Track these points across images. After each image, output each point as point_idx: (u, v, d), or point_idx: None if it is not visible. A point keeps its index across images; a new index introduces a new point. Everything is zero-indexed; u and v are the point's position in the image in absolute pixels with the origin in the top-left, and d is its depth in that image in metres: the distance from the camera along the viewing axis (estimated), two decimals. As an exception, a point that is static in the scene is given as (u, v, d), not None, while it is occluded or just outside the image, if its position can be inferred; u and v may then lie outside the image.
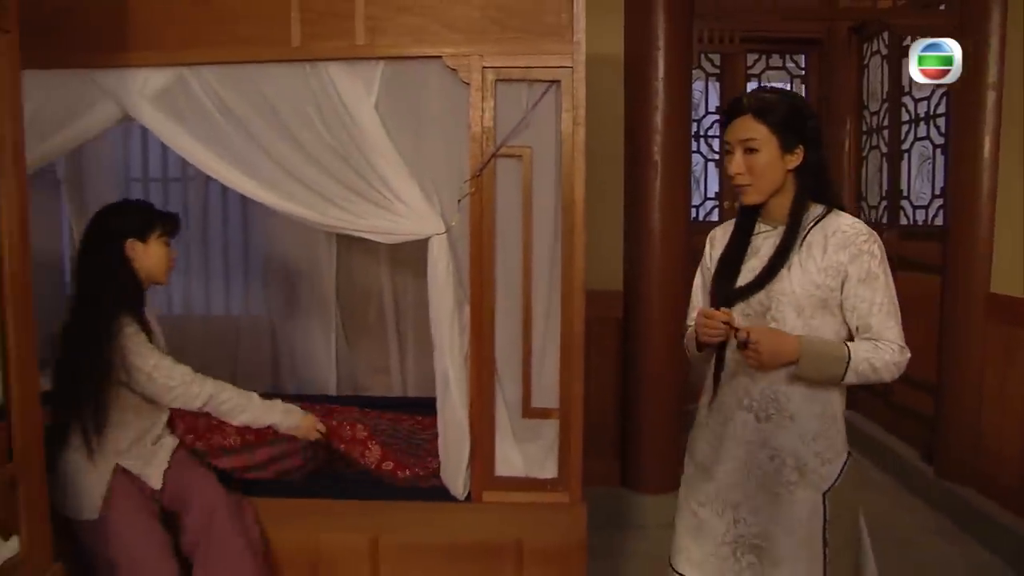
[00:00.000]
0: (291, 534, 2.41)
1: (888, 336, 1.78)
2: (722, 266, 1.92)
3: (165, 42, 2.34)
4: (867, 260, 1.77)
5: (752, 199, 1.85)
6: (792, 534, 1.82)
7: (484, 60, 2.24)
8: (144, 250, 2.28)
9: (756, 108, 1.81)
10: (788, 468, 1.82)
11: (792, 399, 1.81)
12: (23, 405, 1.85)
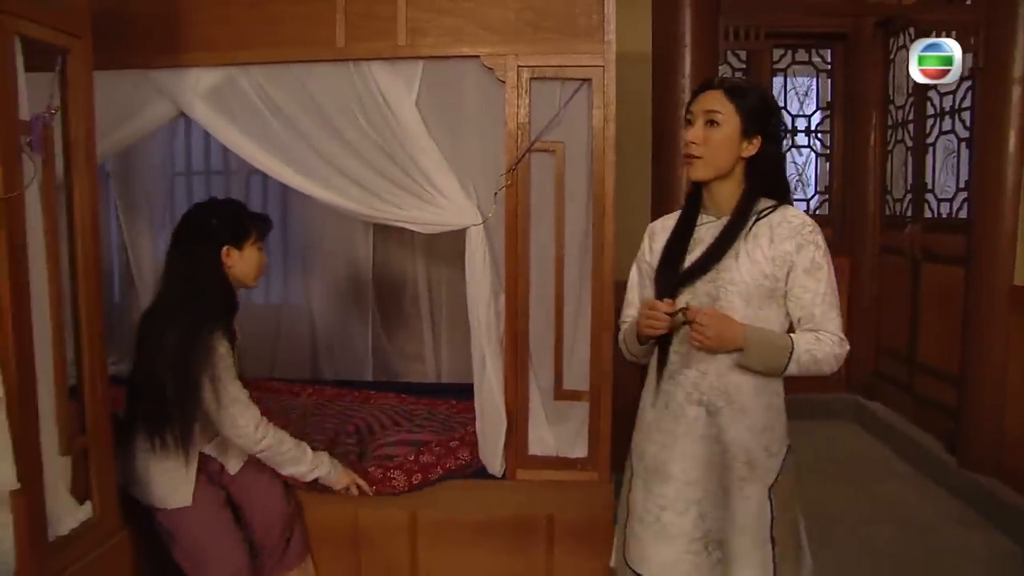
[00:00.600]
0: (332, 510, 2.53)
1: (829, 327, 1.76)
2: (665, 257, 1.88)
3: (216, 43, 2.46)
4: (812, 250, 1.76)
5: (699, 174, 1.82)
6: (745, 534, 1.80)
7: (519, 59, 2.35)
8: (240, 257, 2.26)
9: (728, 87, 1.81)
10: (739, 463, 1.80)
11: (743, 391, 1.79)
12: (93, 385, 2.01)
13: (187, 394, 2.14)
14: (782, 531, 1.82)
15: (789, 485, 1.85)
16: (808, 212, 5.37)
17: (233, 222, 2.27)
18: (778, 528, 1.81)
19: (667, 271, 1.86)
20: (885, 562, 3.26)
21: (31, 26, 1.74)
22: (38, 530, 1.77)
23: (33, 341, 1.76)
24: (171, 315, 2.16)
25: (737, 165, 1.81)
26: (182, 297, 2.18)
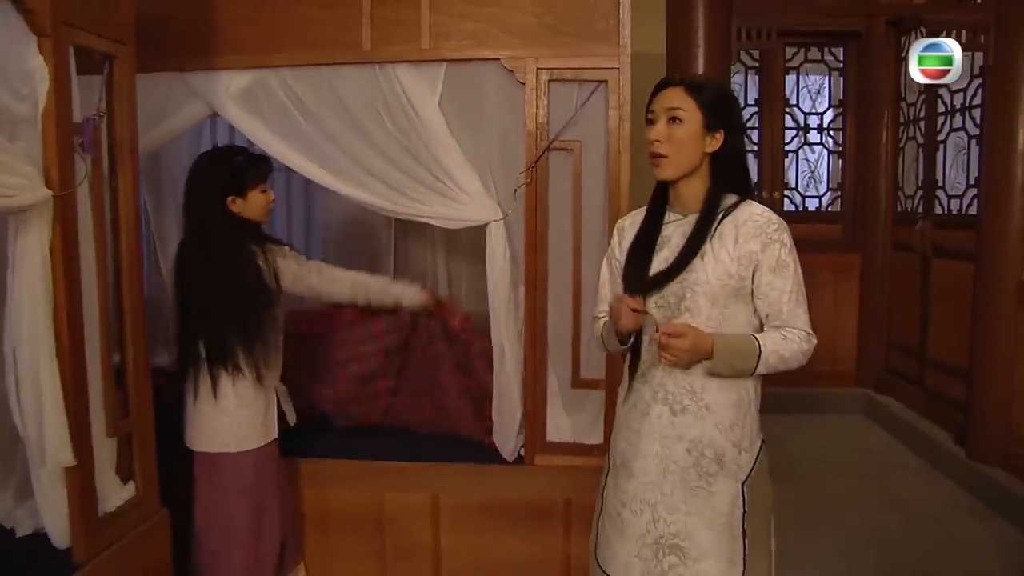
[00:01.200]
0: (359, 493, 2.65)
1: (797, 324, 1.76)
2: (632, 256, 1.85)
3: (247, 46, 2.56)
4: (778, 249, 1.74)
5: (666, 173, 1.79)
6: (713, 527, 1.77)
7: (538, 62, 2.43)
8: (244, 204, 2.33)
9: (688, 83, 1.78)
10: (707, 459, 1.77)
11: (708, 389, 1.77)
12: (136, 372, 2.13)
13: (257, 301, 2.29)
14: (754, 525, 1.80)
15: (763, 480, 1.84)
16: (820, 209, 5.46)
17: (231, 175, 2.32)
18: (750, 522, 1.79)
19: (634, 270, 1.83)
20: (892, 550, 3.34)
21: (83, 35, 1.85)
22: (90, 505, 1.88)
23: (84, 331, 1.87)
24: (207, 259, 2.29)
25: (703, 161, 1.79)
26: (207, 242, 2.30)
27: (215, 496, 2.35)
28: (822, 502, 3.85)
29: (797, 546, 3.31)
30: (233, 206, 2.32)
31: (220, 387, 2.29)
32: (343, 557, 2.68)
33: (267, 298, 2.32)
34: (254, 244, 2.33)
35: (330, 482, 2.66)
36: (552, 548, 2.57)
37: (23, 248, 1.73)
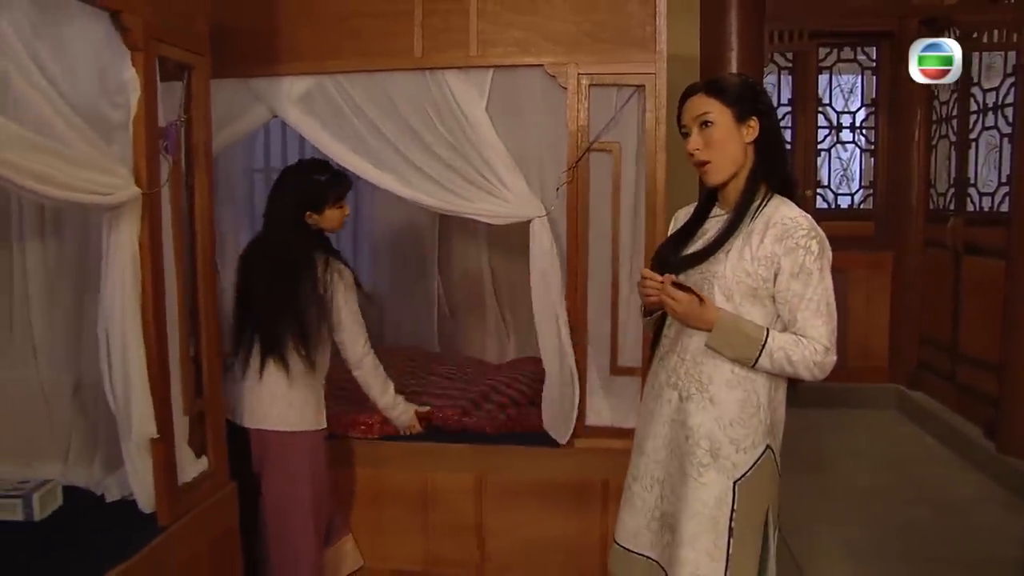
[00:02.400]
0: (406, 473, 2.82)
1: (812, 334, 1.73)
2: (668, 242, 1.94)
3: (307, 54, 2.73)
4: (802, 255, 1.72)
5: (714, 178, 1.82)
6: (694, 517, 1.78)
7: (579, 68, 2.57)
8: (320, 218, 2.49)
9: (707, 86, 1.82)
10: (701, 450, 1.79)
11: (715, 381, 1.79)
12: (209, 353, 2.30)
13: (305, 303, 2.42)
14: (743, 526, 1.80)
15: (760, 485, 1.82)
16: (852, 207, 5.52)
17: (312, 192, 2.48)
18: (739, 522, 1.79)
19: (665, 253, 1.90)
20: (920, 539, 3.41)
21: (167, 48, 2.03)
22: (171, 475, 2.06)
23: (166, 317, 2.06)
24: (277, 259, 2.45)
25: (747, 155, 1.81)
26: (281, 244, 2.46)
27: (279, 473, 2.52)
28: (853, 492, 3.93)
29: (827, 534, 3.43)
30: (309, 220, 2.49)
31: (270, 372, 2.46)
32: (393, 532, 2.84)
33: (319, 304, 2.45)
34: (320, 254, 2.47)
35: (381, 462, 2.83)
36: (590, 526, 2.71)
37: (116, 241, 1.90)
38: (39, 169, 1.59)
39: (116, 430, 2.06)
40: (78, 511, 2.15)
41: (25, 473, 2.28)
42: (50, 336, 2.37)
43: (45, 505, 2.09)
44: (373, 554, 2.87)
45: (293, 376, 2.47)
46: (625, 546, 1.97)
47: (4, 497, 2.06)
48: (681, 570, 1.80)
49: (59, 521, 2.10)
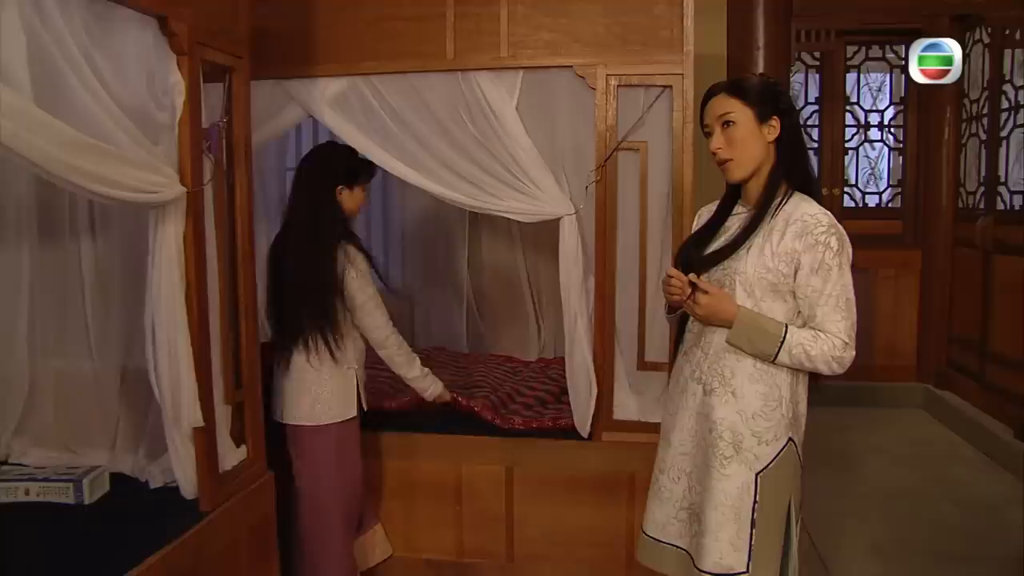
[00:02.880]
0: (439, 465, 2.89)
1: (831, 329, 1.77)
2: (691, 239, 1.99)
3: (341, 56, 2.80)
4: (821, 251, 1.75)
5: (735, 175, 1.86)
6: (717, 508, 1.83)
7: (608, 69, 2.63)
8: (349, 196, 2.58)
9: (729, 86, 1.86)
10: (724, 443, 1.83)
11: (736, 375, 1.84)
12: (248, 348, 2.38)
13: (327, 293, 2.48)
14: (766, 517, 1.84)
15: (782, 477, 1.85)
16: (880, 205, 5.51)
17: (350, 166, 2.60)
18: (761, 514, 1.83)
19: (688, 251, 1.95)
20: (945, 536, 3.42)
21: (211, 52, 2.11)
22: (213, 462, 2.14)
23: (208, 311, 2.14)
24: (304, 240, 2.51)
25: (768, 153, 1.85)
26: (309, 224, 2.51)
27: (308, 464, 2.60)
28: (879, 490, 3.94)
29: (853, 531, 3.44)
30: (339, 195, 2.56)
31: (296, 364, 2.53)
32: (425, 523, 2.92)
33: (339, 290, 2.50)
34: (341, 238, 2.54)
35: (414, 454, 2.90)
36: (617, 518, 2.76)
37: (162, 237, 1.98)
38: (93, 169, 1.67)
39: (160, 419, 2.14)
40: (124, 496, 2.24)
41: (74, 460, 2.39)
42: (100, 328, 2.46)
43: (94, 490, 2.19)
44: (406, 544, 2.95)
45: (316, 367, 2.52)
46: (654, 536, 2.01)
47: (57, 481, 2.16)
48: (706, 559, 1.84)
49: (107, 505, 2.19)
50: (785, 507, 1.87)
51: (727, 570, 1.83)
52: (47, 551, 1.90)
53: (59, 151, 1.57)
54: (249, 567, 2.28)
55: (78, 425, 2.50)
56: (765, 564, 1.84)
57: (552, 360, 3.73)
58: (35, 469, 2.30)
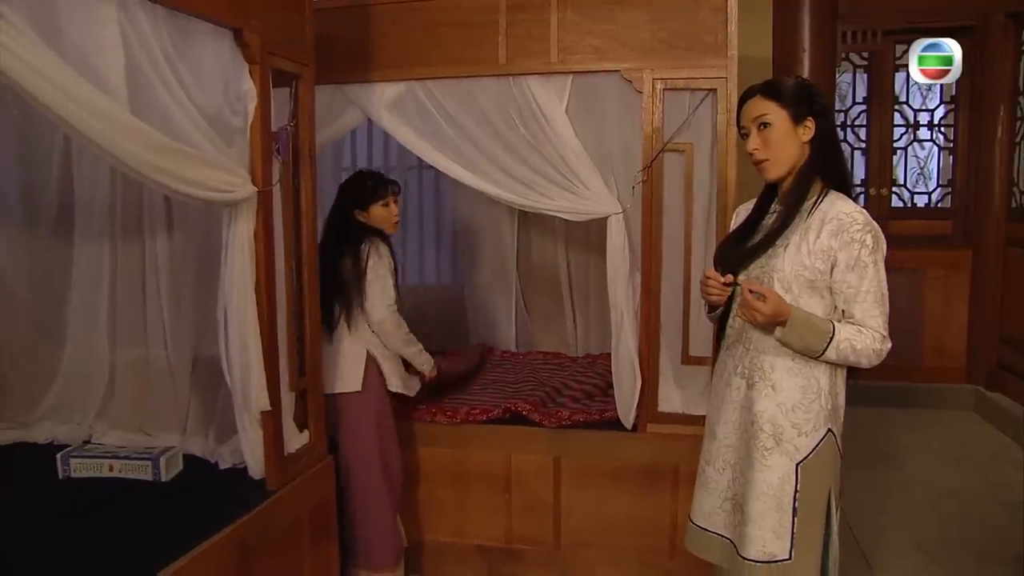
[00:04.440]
0: (490, 454, 3.00)
1: (871, 324, 1.83)
2: (734, 233, 2.04)
3: (398, 62, 2.93)
4: (857, 248, 1.82)
5: (771, 174, 1.92)
6: (760, 498, 1.89)
7: (654, 73, 2.71)
8: (367, 215, 2.79)
9: (764, 88, 1.91)
10: (765, 434, 1.90)
11: (776, 369, 1.90)
12: (312, 336, 2.52)
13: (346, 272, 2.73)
14: (807, 507, 1.89)
15: (822, 466, 1.91)
16: (930, 205, 5.47)
17: (357, 193, 2.82)
18: (802, 503, 1.89)
19: (727, 249, 2.01)
20: (993, 537, 3.39)
21: (280, 60, 2.26)
22: (279, 445, 2.29)
23: (276, 303, 2.28)
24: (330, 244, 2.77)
25: (803, 153, 1.91)
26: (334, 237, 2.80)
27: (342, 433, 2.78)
28: (926, 490, 3.93)
29: (897, 530, 3.45)
30: (360, 216, 2.80)
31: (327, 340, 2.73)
32: (475, 510, 3.04)
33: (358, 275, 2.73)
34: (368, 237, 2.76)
35: (466, 444, 3.02)
36: (661, 508, 2.85)
37: (234, 234, 2.13)
38: (176, 170, 1.83)
39: (229, 404, 2.29)
40: (196, 475, 2.40)
41: (149, 442, 2.56)
42: (173, 320, 2.63)
43: (170, 468, 2.35)
44: (457, 530, 3.07)
45: (337, 340, 2.74)
46: (701, 525, 2.09)
47: (136, 459, 2.33)
48: (750, 547, 1.91)
49: (181, 482, 2.36)
50: (826, 496, 1.93)
51: (770, 557, 1.90)
52: (130, 521, 2.07)
53: (148, 153, 1.72)
54: (311, 544, 2.42)
55: (153, 409, 2.68)
56: (807, 551, 1.91)
57: (599, 356, 3.82)
58: (116, 448, 2.47)
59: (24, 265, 2.73)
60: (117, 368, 2.73)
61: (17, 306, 2.74)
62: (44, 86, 1.46)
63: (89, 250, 2.69)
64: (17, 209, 2.71)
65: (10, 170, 2.69)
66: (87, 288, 2.72)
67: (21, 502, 2.20)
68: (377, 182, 2.84)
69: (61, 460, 2.36)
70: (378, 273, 2.73)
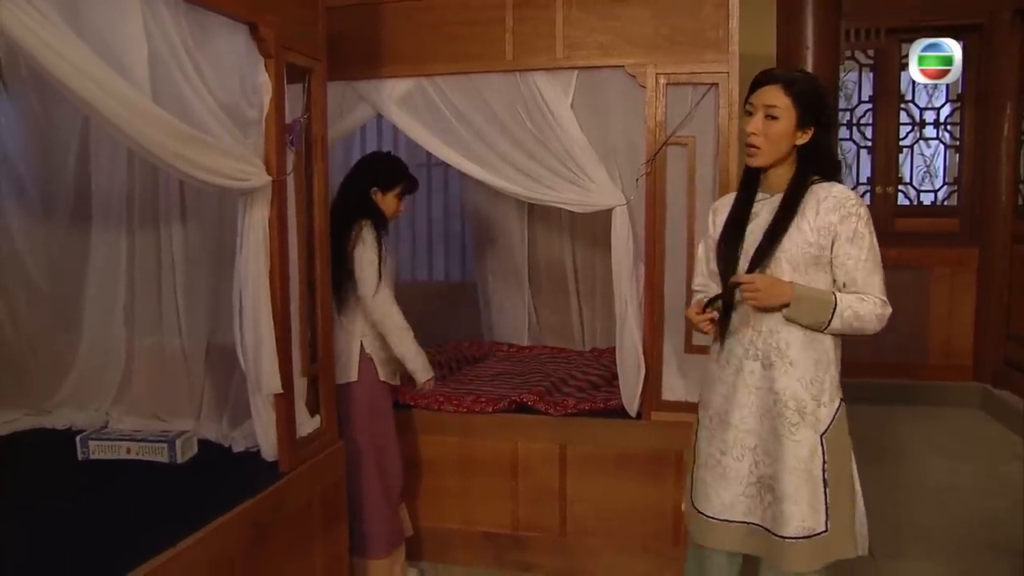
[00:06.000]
0: (496, 442, 3.06)
1: (872, 290, 1.93)
2: (727, 231, 2.06)
3: (407, 58, 3.00)
4: (855, 221, 1.92)
5: (758, 162, 1.98)
6: (793, 473, 1.94)
7: (657, 68, 2.77)
8: (382, 199, 2.85)
9: (785, 80, 1.94)
10: (790, 411, 1.95)
11: (792, 346, 1.96)
12: (324, 324, 2.58)
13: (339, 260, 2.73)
14: (834, 475, 1.96)
15: (842, 435, 1.99)
16: (936, 203, 5.50)
17: (387, 173, 2.87)
18: (831, 473, 1.95)
19: (728, 246, 2.05)
20: (1000, 530, 3.41)
21: (293, 55, 2.32)
22: (292, 428, 2.35)
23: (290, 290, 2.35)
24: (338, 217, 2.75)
25: (792, 151, 1.98)
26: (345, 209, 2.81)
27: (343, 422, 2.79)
28: (931, 485, 3.95)
29: (902, 523, 3.49)
30: (374, 196, 2.85)
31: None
32: (482, 497, 3.10)
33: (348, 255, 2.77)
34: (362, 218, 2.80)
35: (473, 432, 3.08)
36: (664, 494, 2.90)
37: (250, 222, 2.19)
38: (195, 157, 1.89)
39: (242, 390, 2.35)
40: (211, 457, 2.46)
41: (164, 427, 2.63)
42: (188, 307, 2.70)
43: (185, 450, 2.42)
44: (465, 517, 3.13)
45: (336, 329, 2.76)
46: (719, 517, 2.06)
47: (153, 441, 2.40)
48: (788, 524, 1.94)
49: (196, 464, 2.42)
50: (850, 465, 2.01)
51: (809, 532, 1.94)
52: (148, 498, 2.14)
53: (169, 140, 1.79)
54: (322, 525, 2.48)
55: (168, 395, 2.74)
56: (841, 521, 1.96)
57: (605, 349, 3.88)
58: (133, 431, 2.54)
59: (42, 255, 2.80)
60: (133, 355, 2.80)
61: (36, 295, 2.81)
62: (75, 75, 1.53)
63: (106, 240, 2.76)
64: (35, 199, 2.78)
65: (29, 161, 2.76)
66: (104, 277, 2.79)
67: (43, 481, 2.28)
68: (407, 174, 2.92)
69: (80, 443, 2.44)
70: (368, 258, 2.76)
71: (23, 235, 2.77)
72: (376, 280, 2.77)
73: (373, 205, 2.86)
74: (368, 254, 2.77)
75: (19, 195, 2.77)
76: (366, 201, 2.85)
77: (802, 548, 1.94)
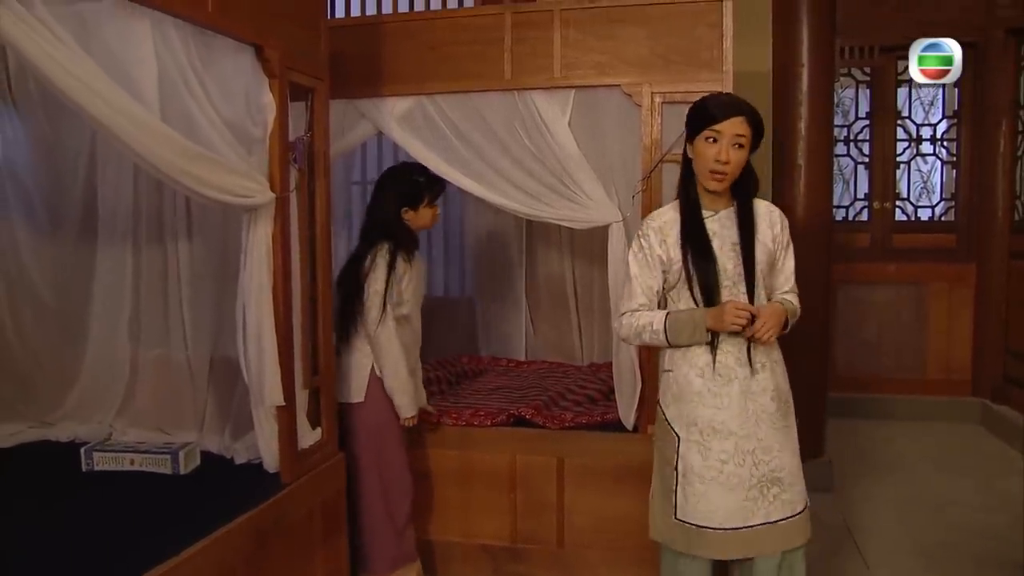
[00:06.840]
0: (495, 456, 3.09)
1: (793, 287, 2.26)
2: (695, 251, 2.13)
3: (408, 77, 3.05)
4: (788, 233, 2.24)
5: (723, 186, 2.12)
6: (795, 455, 2.18)
7: (653, 87, 2.82)
8: (416, 215, 2.83)
9: (749, 113, 2.09)
10: (783, 402, 2.18)
11: (774, 348, 2.19)
12: (325, 337, 2.63)
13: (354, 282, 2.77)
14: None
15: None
16: (933, 219, 5.54)
17: (412, 187, 2.83)
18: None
19: (704, 263, 2.12)
20: (997, 544, 3.41)
21: (296, 75, 2.39)
22: (293, 440, 2.39)
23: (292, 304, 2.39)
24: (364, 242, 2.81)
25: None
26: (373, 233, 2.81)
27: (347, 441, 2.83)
28: (931, 500, 3.97)
29: (899, 536, 3.51)
30: (406, 215, 2.83)
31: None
32: (481, 510, 3.12)
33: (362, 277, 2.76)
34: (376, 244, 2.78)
35: (472, 445, 3.11)
36: (661, 507, 2.92)
37: (254, 237, 2.24)
38: (202, 174, 1.96)
39: (244, 403, 2.40)
40: (213, 469, 2.51)
41: (167, 440, 2.67)
42: (192, 321, 2.75)
43: (188, 462, 2.46)
44: (463, 530, 3.15)
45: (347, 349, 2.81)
46: (722, 527, 2.11)
47: (157, 453, 2.44)
48: (797, 503, 2.16)
49: (198, 475, 2.47)
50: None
51: (806, 503, 2.20)
52: (151, 508, 2.18)
53: (176, 158, 1.86)
54: (323, 536, 2.52)
55: (171, 408, 2.79)
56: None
57: (602, 364, 3.92)
58: (136, 443, 2.58)
59: (49, 269, 2.86)
60: (137, 368, 2.85)
61: (42, 309, 2.86)
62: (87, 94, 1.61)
63: (112, 255, 2.82)
64: (43, 214, 2.83)
65: (37, 177, 2.82)
66: (110, 291, 2.84)
67: (48, 491, 2.33)
68: (431, 180, 2.90)
69: (85, 454, 2.48)
70: (375, 288, 2.73)
71: (30, 250, 2.83)
72: (379, 314, 2.73)
73: (396, 226, 2.82)
74: (375, 284, 2.73)
75: (27, 210, 2.83)
76: (389, 223, 2.81)
77: (804, 519, 2.17)
